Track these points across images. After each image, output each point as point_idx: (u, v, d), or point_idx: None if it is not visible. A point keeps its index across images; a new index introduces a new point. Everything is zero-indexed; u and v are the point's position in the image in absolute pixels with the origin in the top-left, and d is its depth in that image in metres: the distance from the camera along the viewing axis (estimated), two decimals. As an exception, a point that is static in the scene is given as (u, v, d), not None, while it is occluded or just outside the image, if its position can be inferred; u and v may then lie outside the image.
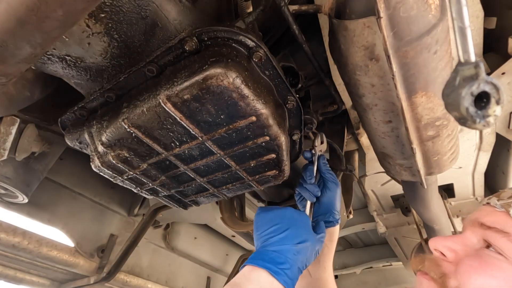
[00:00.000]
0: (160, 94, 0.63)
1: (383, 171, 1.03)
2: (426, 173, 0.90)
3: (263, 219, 0.79)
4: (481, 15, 0.93)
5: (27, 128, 1.17)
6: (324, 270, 0.92)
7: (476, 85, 0.30)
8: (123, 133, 0.72)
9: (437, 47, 0.57)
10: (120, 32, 0.66)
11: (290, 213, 0.79)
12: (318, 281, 0.90)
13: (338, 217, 0.94)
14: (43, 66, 0.72)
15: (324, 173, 0.96)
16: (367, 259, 3.07)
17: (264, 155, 0.78)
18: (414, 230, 1.89)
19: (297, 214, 0.80)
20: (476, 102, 0.31)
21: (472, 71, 0.31)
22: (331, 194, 0.94)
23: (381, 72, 0.63)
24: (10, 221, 1.62)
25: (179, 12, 0.67)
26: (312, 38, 1.03)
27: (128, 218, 2.22)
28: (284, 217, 0.77)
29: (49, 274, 1.94)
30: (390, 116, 0.73)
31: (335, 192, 0.94)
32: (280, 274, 0.66)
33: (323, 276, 0.91)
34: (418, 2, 0.52)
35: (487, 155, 1.43)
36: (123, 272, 2.06)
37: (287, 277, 0.66)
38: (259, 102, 0.65)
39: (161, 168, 0.84)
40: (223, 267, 2.87)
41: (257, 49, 0.66)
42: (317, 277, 0.91)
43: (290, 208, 0.81)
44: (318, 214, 0.92)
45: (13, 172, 1.26)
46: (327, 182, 0.95)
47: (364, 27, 0.57)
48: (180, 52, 0.67)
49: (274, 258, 0.68)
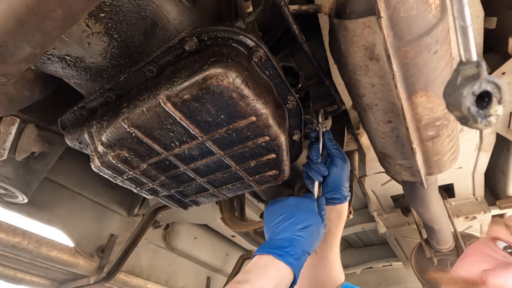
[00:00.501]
0: (160, 94, 0.63)
1: (383, 171, 1.02)
2: (426, 173, 0.90)
3: (270, 212, 0.84)
4: (481, 15, 0.93)
5: (27, 128, 1.17)
6: (331, 249, 0.90)
7: (478, 84, 0.30)
8: (123, 133, 0.72)
9: (437, 47, 0.57)
10: (120, 32, 0.66)
11: (294, 201, 0.83)
12: (324, 259, 0.90)
13: (347, 194, 0.93)
14: (43, 66, 0.72)
15: (330, 149, 0.94)
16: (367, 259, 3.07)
17: (264, 155, 0.78)
18: (414, 230, 1.89)
19: (300, 201, 0.83)
20: (478, 102, 0.30)
21: (474, 71, 0.31)
22: (338, 170, 0.92)
23: (381, 72, 0.63)
24: (10, 221, 1.62)
25: (179, 12, 0.67)
26: (312, 38, 1.03)
27: (128, 218, 2.22)
28: (288, 206, 0.82)
29: (49, 274, 1.94)
30: (390, 116, 0.73)
31: (342, 168, 0.93)
32: (284, 256, 0.70)
33: (329, 255, 0.90)
34: (418, 2, 0.52)
35: (487, 155, 1.42)
36: (123, 272, 2.06)
37: (292, 258, 0.70)
38: (259, 102, 0.65)
39: (161, 168, 0.84)
40: (223, 267, 2.87)
41: (257, 49, 0.66)
42: (323, 255, 0.90)
43: (292, 197, 0.86)
44: (326, 191, 0.92)
45: (13, 172, 1.26)
46: (334, 158, 0.93)
47: (364, 27, 0.57)
48: (180, 52, 0.67)
49: (279, 244, 0.73)
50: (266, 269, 0.69)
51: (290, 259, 0.70)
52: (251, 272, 0.68)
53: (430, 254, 1.74)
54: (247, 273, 0.69)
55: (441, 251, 1.72)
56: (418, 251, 1.87)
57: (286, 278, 0.70)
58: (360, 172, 1.58)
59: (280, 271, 0.69)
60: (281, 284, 0.68)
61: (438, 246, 1.71)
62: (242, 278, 0.67)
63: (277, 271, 0.69)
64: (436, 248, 1.74)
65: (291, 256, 0.71)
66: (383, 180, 1.70)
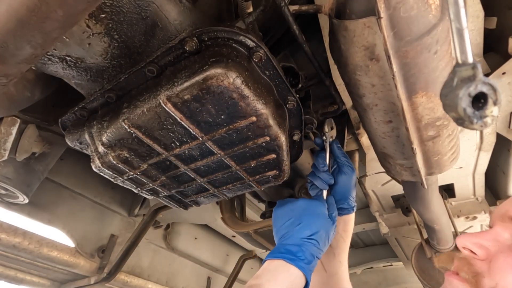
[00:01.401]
0: (160, 94, 0.63)
1: (384, 171, 1.02)
2: (426, 173, 0.90)
3: (278, 215, 0.84)
4: (482, 15, 0.93)
5: (28, 128, 1.17)
6: (340, 265, 0.88)
7: (474, 86, 0.31)
8: (124, 133, 0.72)
9: (437, 47, 0.57)
10: (121, 33, 0.66)
11: (303, 204, 0.82)
12: (334, 276, 0.87)
13: (354, 204, 0.90)
14: (44, 67, 0.72)
15: (339, 157, 0.92)
16: (368, 259, 3.06)
17: (265, 155, 0.78)
18: (415, 230, 1.89)
19: (309, 204, 0.82)
20: (474, 103, 0.31)
21: (470, 72, 0.31)
22: (347, 179, 0.90)
23: (382, 72, 0.63)
24: (11, 222, 1.62)
25: (179, 13, 0.67)
26: (312, 38, 1.03)
27: (128, 218, 2.22)
28: (296, 209, 0.81)
29: (49, 275, 1.94)
30: (391, 116, 0.73)
31: (350, 177, 0.91)
32: (295, 260, 0.70)
33: (338, 271, 0.88)
34: (418, 2, 0.52)
35: (488, 155, 1.42)
36: (123, 272, 2.06)
37: (303, 262, 0.71)
38: (259, 102, 0.65)
39: (161, 169, 0.84)
40: (223, 267, 2.87)
41: (257, 49, 0.66)
42: (333, 272, 0.88)
43: (302, 199, 0.85)
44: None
45: (14, 173, 1.26)
46: (343, 166, 0.91)
47: (364, 27, 0.57)
48: (180, 52, 0.67)
49: (289, 249, 0.73)
50: (277, 273, 0.69)
51: (301, 264, 0.70)
52: (262, 277, 0.69)
53: (431, 254, 1.74)
54: (259, 277, 0.69)
55: (442, 251, 1.72)
56: (418, 251, 1.87)
57: (297, 282, 0.70)
58: (361, 172, 1.58)
59: (291, 275, 0.69)
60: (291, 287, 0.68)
61: (438, 246, 1.70)
62: (254, 283, 0.67)
63: (288, 275, 0.69)
64: (436, 248, 1.73)
65: (302, 261, 0.71)
66: (383, 180, 1.70)
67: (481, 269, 0.54)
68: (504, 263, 0.51)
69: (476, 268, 0.55)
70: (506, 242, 0.54)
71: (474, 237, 0.57)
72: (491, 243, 0.55)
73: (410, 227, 2.05)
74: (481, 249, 0.55)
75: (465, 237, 0.58)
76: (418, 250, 1.87)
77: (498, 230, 0.56)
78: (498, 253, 0.53)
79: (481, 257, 0.55)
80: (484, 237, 0.56)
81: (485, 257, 0.55)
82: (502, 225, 0.56)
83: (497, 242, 0.55)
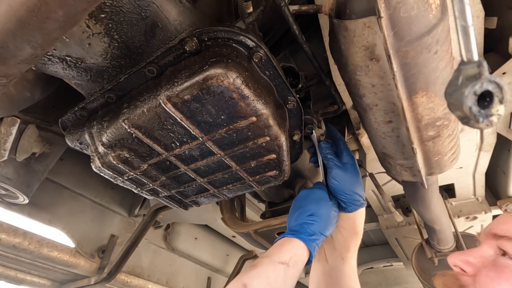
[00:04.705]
0: (160, 94, 0.63)
1: (384, 172, 1.02)
2: (426, 173, 0.90)
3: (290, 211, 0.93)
4: (482, 15, 0.93)
5: (28, 128, 1.17)
6: (342, 261, 0.91)
7: (479, 84, 0.30)
8: (124, 133, 0.72)
9: (437, 47, 0.57)
10: (121, 33, 0.66)
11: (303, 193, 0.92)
12: (335, 270, 0.91)
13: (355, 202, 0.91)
14: (44, 67, 0.72)
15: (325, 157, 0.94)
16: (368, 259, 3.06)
17: (265, 155, 0.78)
18: (415, 230, 1.89)
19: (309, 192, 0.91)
20: (479, 101, 0.30)
21: (475, 70, 0.31)
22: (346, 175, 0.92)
23: (382, 72, 0.63)
24: (11, 222, 1.62)
25: (179, 13, 0.67)
26: (312, 38, 1.03)
27: (128, 218, 2.22)
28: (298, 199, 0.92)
29: (49, 275, 1.94)
30: (391, 116, 0.73)
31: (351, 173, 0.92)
32: (297, 234, 0.80)
33: (340, 266, 0.91)
34: (418, 2, 0.52)
35: (488, 155, 1.42)
36: (123, 272, 2.06)
37: (304, 235, 0.80)
38: (259, 102, 0.65)
39: (161, 169, 0.84)
40: (223, 267, 2.87)
41: (258, 49, 0.66)
42: (334, 265, 0.91)
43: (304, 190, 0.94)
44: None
45: (14, 173, 1.26)
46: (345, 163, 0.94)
47: (365, 27, 0.57)
48: (180, 52, 0.67)
49: (293, 228, 0.83)
50: (281, 246, 0.79)
51: (302, 236, 0.79)
52: (270, 250, 0.78)
53: (431, 254, 1.74)
54: (267, 252, 0.78)
55: (442, 251, 1.72)
56: (419, 251, 1.87)
57: (300, 251, 0.78)
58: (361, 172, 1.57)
59: (294, 246, 0.78)
60: (295, 257, 0.76)
61: (439, 246, 1.70)
62: (264, 256, 0.77)
63: (291, 246, 0.78)
64: (437, 248, 1.73)
65: (303, 234, 0.80)
66: (383, 180, 1.70)
67: (467, 283, 0.61)
68: (486, 277, 0.57)
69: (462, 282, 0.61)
70: (490, 258, 0.61)
71: (462, 254, 0.65)
72: (478, 260, 0.62)
73: (410, 227, 2.05)
74: (469, 266, 0.62)
75: (455, 255, 0.65)
76: (418, 250, 1.87)
77: (484, 247, 0.63)
78: (482, 268, 0.59)
79: (469, 274, 0.61)
80: (472, 254, 0.63)
81: (472, 272, 0.61)
82: (488, 242, 0.63)
83: (482, 258, 0.61)
